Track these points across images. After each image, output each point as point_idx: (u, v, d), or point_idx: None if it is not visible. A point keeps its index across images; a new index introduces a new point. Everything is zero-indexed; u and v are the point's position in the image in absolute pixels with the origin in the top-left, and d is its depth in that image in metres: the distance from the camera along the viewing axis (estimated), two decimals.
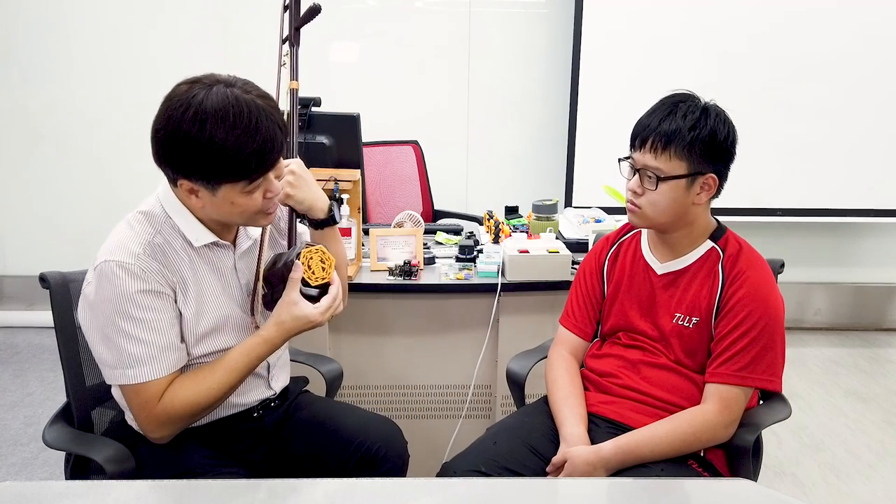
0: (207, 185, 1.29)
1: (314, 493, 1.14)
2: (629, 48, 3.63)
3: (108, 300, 1.29)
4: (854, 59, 3.60)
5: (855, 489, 2.44)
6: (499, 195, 3.09)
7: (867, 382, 3.32)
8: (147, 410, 1.32)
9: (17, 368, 3.27)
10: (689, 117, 1.46)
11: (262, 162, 1.28)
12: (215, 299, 1.41)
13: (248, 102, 1.25)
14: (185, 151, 1.25)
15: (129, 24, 3.75)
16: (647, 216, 1.52)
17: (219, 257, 1.43)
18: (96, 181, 3.90)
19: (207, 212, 1.35)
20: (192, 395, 1.33)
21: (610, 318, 1.66)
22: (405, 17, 3.79)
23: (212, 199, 1.31)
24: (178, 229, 1.37)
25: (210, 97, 1.24)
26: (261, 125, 1.25)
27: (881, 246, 4.02)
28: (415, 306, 2.14)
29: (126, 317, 1.29)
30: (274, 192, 1.34)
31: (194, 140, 1.23)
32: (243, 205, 1.32)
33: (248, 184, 1.29)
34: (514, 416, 1.69)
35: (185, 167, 1.27)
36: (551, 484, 1.35)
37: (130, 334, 1.29)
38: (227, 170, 1.26)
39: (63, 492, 1.14)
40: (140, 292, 1.29)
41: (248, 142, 1.24)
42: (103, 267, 1.29)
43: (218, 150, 1.23)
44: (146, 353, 1.30)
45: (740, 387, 1.47)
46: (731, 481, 1.36)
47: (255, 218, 1.37)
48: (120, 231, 1.35)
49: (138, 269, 1.29)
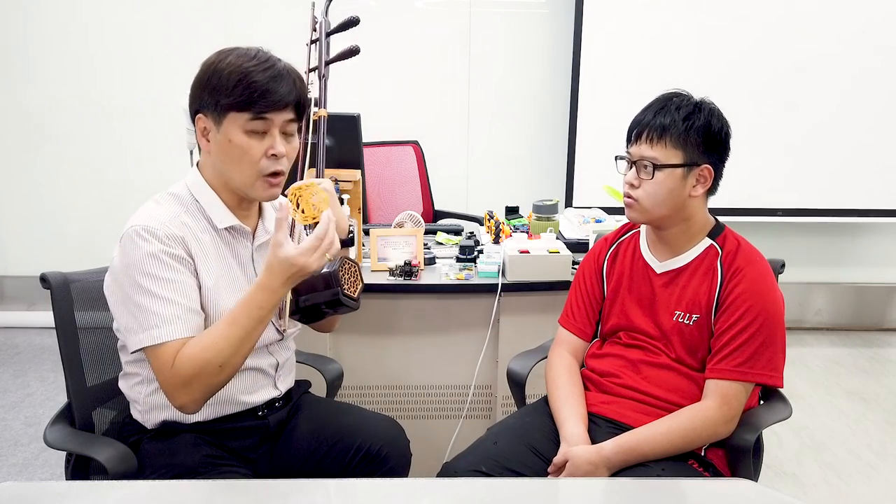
0: (215, 115, 1.32)
1: (314, 493, 1.14)
2: (629, 48, 3.63)
3: (132, 263, 1.30)
4: (854, 59, 3.60)
5: (856, 489, 2.44)
6: (499, 195, 3.10)
7: (868, 382, 3.32)
8: (165, 375, 1.28)
9: (18, 369, 3.27)
10: (683, 110, 1.49)
11: (268, 96, 1.31)
12: (235, 283, 1.42)
13: (272, 55, 1.36)
14: (203, 77, 1.33)
15: (131, 24, 3.76)
16: (645, 209, 1.53)
17: (239, 244, 1.45)
18: (97, 182, 3.91)
19: (214, 160, 1.38)
20: (198, 352, 1.27)
21: (610, 317, 1.66)
22: (405, 17, 3.80)
23: (216, 137, 1.34)
24: (204, 211, 1.40)
25: (242, 48, 1.35)
26: (276, 66, 1.33)
27: (881, 246, 4.02)
28: (415, 306, 2.14)
29: (150, 276, 1.29)
30: (276, 150, 1.34)
31: (213, 65, 1.33)
32: (241, 147, 1.32)
33: (252, 118, 1.31)
34: (514, 416, 1.69)
35: (200, 95, 1.34)
36: (552, 484, 1.35)
37: (154, 293, 1.29)
38: (232, 91, 1.29)
39: (64, 492, 1.13)
40: (164, 253, 1.31)
41: (258, 71, 1.30)
42: (129, 232, 1.32)
43: (229, 71, 1.30)
44: (170, 311, 1.29)
45: (740, 382, 1.47)
46: (732, 481, 1.35)
47: (254, 181, 1.36)
48: (147, 206, 1.38)
49: (163, 235, 1.32)
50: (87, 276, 1.54)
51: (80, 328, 1.49)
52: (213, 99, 1.32)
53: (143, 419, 1.42)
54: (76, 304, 1.49)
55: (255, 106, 1.30)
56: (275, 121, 1.33)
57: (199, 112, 1.35)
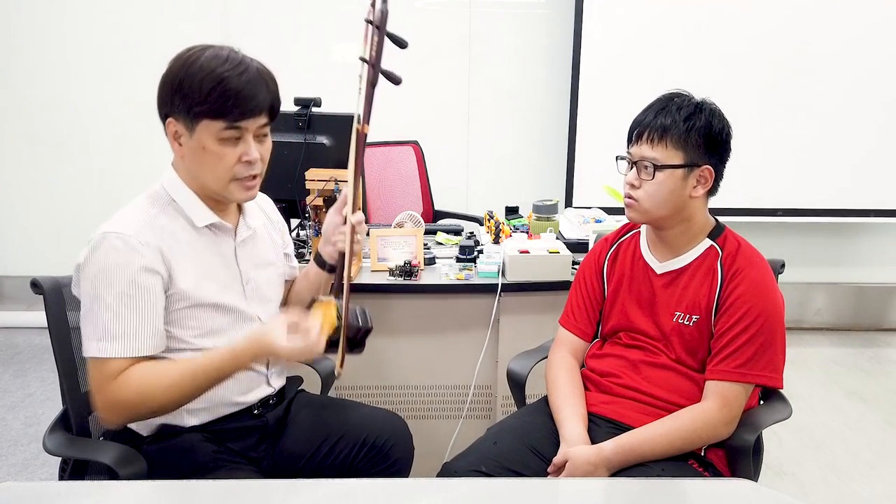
0: (187, 122, 1.30)
1: (315, 493, 1.14)
2: (629, 48, 3.62)
3: (99, 271, 1.27)
4: (855, 59, 3.60)
5: (855, 489, 2.44)
6: (499, 195, 3.10)
7: (868, 382, 3.32)
8: (101, 388, 1.27)
9: (18, 369, 3.27)
10: (684, 110, 1.49)
11: (242, 104, 1.28)
12: (216, 279, 1.40)
13: (245, 57, 1.32)
14: (174, 81, 1.29)
15: (129, 25, 3.75)
16: (645, 209, 1.53)
17: (221, 240, 1.43)
18: (96, 182, 3.90)
19: (187, 165, 1.35)
20: (143, 385, 1.26)
21: (611, 318, 1.66)
22: (405, 17, 3.79)
23: (189, 142, 1.31)
24: (181, 210, 1.38)
25: (213, 49, 1.31)
26: (249, 70, 1.30)
27: (881, 246, 4.02)
28: (415, 307, 2.14)
29: (112, 289, 1.27)
30: (251, 157, 1.33)
31: (184, 66, 1.28)
32: (215, 154, 1.31)
33: (225, 127, 1.29)
34: (514, 416, 1.69)
35: (171, 99, 1.30)
36: (552, 484, 1.35)
37: (113, 308, 1.26)
38: (206, 99, 1.27)
39: (63, 492, 1.13)
40: (133, 267, 1.27)
41: (232, 77, 1.27)
42: (100, 238, 1.29)
43: (202, 77, 1.26)
44: (121, 329, 1.26)
45: (741, 384, 1.47)
46: (732, 481, 1.35)
47: (228, 184, 1.35)
48: (123, 210, 1.36)
49: (136, 242, 1.29)
50: None
51: (74, 328, 1.46)
52: (184, 104, 1.29)
53: (137, 427, 1.41)
54: (69, 309, 1.46)
55: (230, 115, 1.29)
56: (249, 128, 1.32)
57: (170, 116, 1.32)
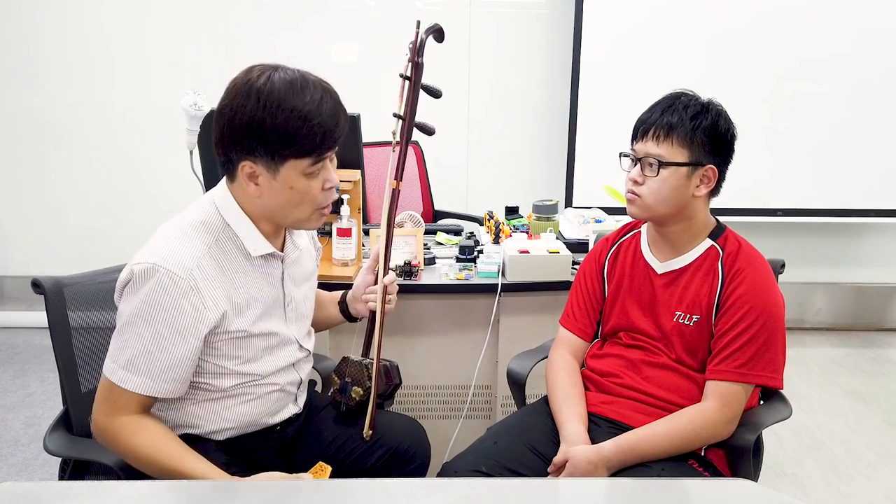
0: (270, 164, 1.25)
1: (313, 493, 1.14)
2: (629, 48, 3.62)
3: (144, 303, 1.23)
4: (855, 59, 3.60)
5: (855, 489, 2.44)
6: (499, 195, 3.09)
7: (867, 382, 3.32)
8: (106, 412, 1.26)
9: (18, 369, 3.27)
10: (691, 109, 1.49)
11: (329, 140, 1.26)
12: (262, 306, 1.37)
13: (314, 80, 1.27)
14: (252, 124, 1.22)
15: (132, 25, 3.74)
16: (647, 205, 1.53)
17: (270, 266, 1.39)
18: (98, 182, 3.90)
19: (264, 202, 1.29)
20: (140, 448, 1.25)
21: (611, 318, 1.66)
22: (405, 17, 3.79)
23: (271, 184, 1.27)
24: (236, 239, 1.32)
25: (277, 74, 1.25)
26: (325, 98, 1.25)
27: (881, 246, 4.01)
28: (415, 306, 2.14)
29: (150, 326, 1.23)
30: (332, 182, 1.31)
31: (260, 104, 1.21)
32: (302, 191, 1.28)
33: (313, 162, 1.26)
34: (514, 416, 1.69)
35: (249, 143, 1.24)
36: (552, 484, 1.35)
37: (145, 342, 1.24)
38: (293, 141, 1.23)
39: (63, 492, 1.13)
40: (177, 312, 1.24)
41: (315, 112, 1.23)
42: (150, 270, 1.23)
43: (285, 118, 1.21)
44: (146, 367, 1.24)
45: (741, 384, 1.47)
46: (732, 481, 1.35)
47: (310, 216, 1.32)
48: (174, 239, 1.28)
49: (187, 287, 1.24)
50: (82, 280, 1.50)
51: (74, 328, 1.46)
52: (267, 149, 1.24)
53: None
54: (71, 308, 1.45)
55: (317, 151, 1.26)
56: (330, 155, 1.31)
57: (247, 159, 1.26)
